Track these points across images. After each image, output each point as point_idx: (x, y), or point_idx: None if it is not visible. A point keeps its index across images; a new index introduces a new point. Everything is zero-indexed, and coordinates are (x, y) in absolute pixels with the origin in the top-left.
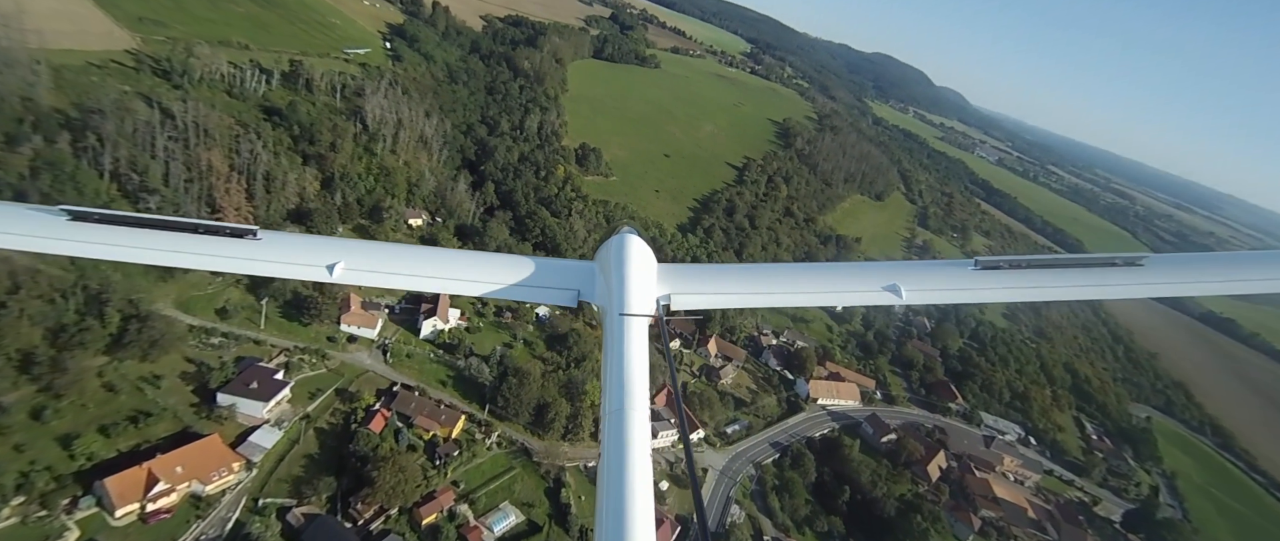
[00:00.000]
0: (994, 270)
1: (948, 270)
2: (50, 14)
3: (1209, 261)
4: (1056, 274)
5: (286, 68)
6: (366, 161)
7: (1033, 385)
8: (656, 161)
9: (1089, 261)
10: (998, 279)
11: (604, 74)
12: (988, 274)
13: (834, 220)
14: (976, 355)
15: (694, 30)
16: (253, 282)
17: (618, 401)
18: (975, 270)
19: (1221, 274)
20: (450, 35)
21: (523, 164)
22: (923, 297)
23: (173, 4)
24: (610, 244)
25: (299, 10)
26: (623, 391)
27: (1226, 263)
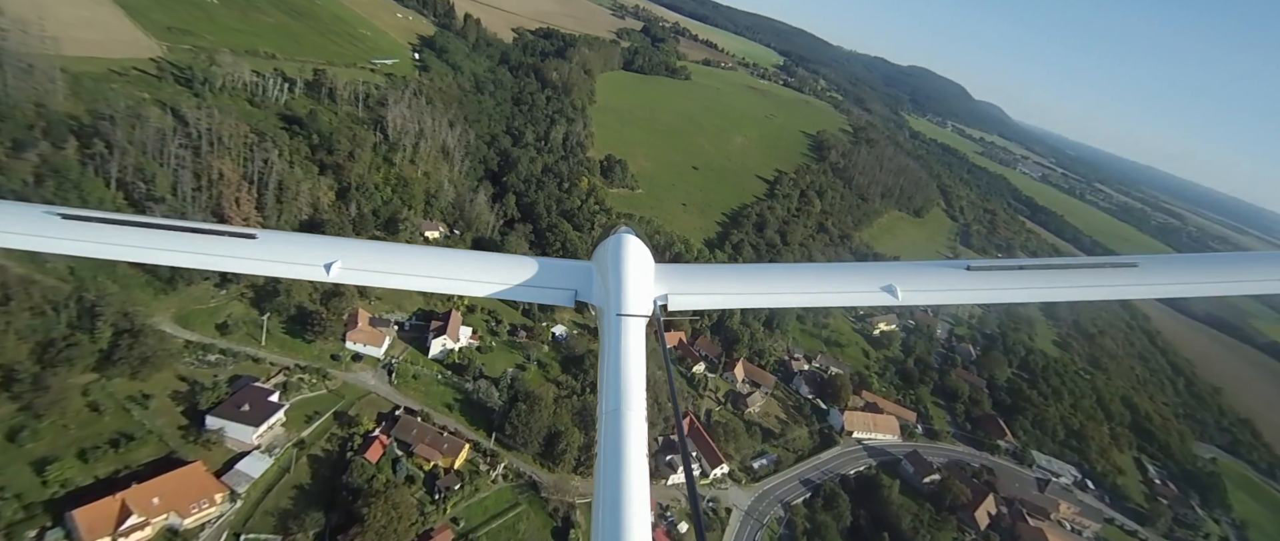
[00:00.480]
0: (986, 272)
1: (942, 271)
2: (78, 22)
3: (1202, 262)
4: (1049, 275)
5: (310, 77)
6: (384, 172)
7: (1089, 422)
8: (684, 174)
9: (1082, 263)
10: (989, 280)
11: (633, 85)
12: (980, 275)
13: (870, 236)
14: (1027, 387)
15: (726, 43)
16: (257, 296)
17: (615, 401)
18: (968, 272)
19: (1215, 275)
20: (480, 47)
21: (546, 175)
22: (918, 298)
23: (203, 15)
24: (608, 244)
25: (330, 22)
26: (620, 391)
27: (1220, 264)
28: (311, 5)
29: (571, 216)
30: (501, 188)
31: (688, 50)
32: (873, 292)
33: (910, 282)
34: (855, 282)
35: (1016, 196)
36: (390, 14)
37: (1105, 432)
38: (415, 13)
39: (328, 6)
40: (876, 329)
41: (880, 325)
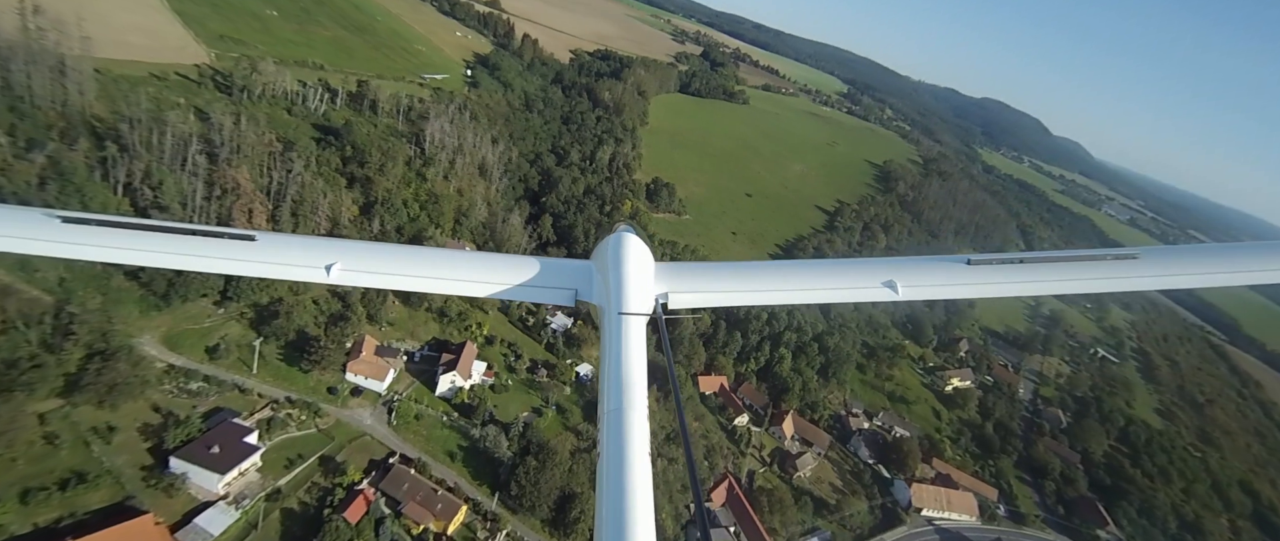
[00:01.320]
0: (986, 266)
1: (943, 266)
2: (131, 27)
3: (1203, 253)
4: (1049, 268)
5: (353, 88)
6: (416, 187)
7: (1205, 511)
8: (736, 200)
9: (1081, 257)
10: (990, 274)
11: (688, 108)
12: (980, 270)
13: None
14: (1129, 464)
15: (788, 70)
16: (258, 317)
17: (616, 401)
18: (969, 267)
19: (1215, 266)
20: (535, 66)
21: (587, 197)
22: (919, 294)
23: (260, 26)
24: (607, 242)
25: (387, 37)
26: (621, 391)
27: (1220, 254)
28: (371, 21)
29: None
30: (539, 208)
31: (747, 75)
32: (873, 289)
33: (911, 278)
34: (856, 279)
35: (1104, 240)
36: (449, 32)
37: (1226, 525)
38: (475, 32)
39: (387, 23)
40: (949, 384)
41: (953, 380)
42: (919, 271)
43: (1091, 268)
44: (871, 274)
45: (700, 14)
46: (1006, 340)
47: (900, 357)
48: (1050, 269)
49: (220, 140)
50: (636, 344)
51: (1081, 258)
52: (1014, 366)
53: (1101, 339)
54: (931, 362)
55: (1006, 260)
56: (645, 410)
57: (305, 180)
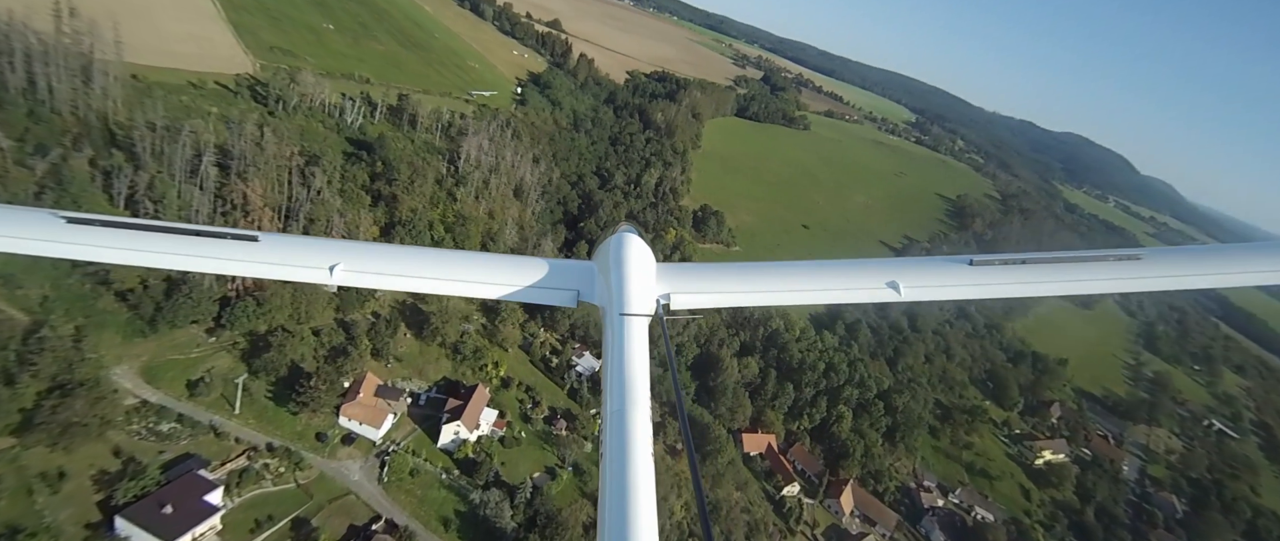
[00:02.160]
0: (988, 267)
1: (945, 267)
2: (182, 36)
3: (1206, 254)
4: (1052, 269)
5: (394, 102)
6: (443, 208)
7: None
8: (792, 232)
9: (1084, 257)
10: (992, 275)
11: (744, 132)
12: (983, 270)
13: (1025, 329)
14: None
15: (853, 97)
16: (251, 347)
17: (618, 402)
18: (971, 267)
19: (1218, 266)
20: (588, 86)
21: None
22: (921, 294)
23: (314, 39)
24: (609, 243)
25: (442, 54)
26: (623, 392)
27: (1224, 255)
28: (428, 38)
29: None
30: (576, 233)
31: (809, 101)
32: (875, 289)
33: (913, 279)
34: (858, 280)
35: (1205, 292)
36: (506, 51)
37: None
38: (533, 52)
39: (444, 40)
40: (1039, 457)
41: (1044, 453)
42: (922, 272)
43: (1095, 268)
44: (874, 274)
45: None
46: (1105, 405)
47: (981, 422)
48: (1053, 269)
49: (238, 152)
50: (638, 344)
51: (1085, 258)
52: (1116, 438)
53: (1215, 407)
54: (1018, 429)
55: (1009, 260)
56: (648, 410)
57: (325, 197)
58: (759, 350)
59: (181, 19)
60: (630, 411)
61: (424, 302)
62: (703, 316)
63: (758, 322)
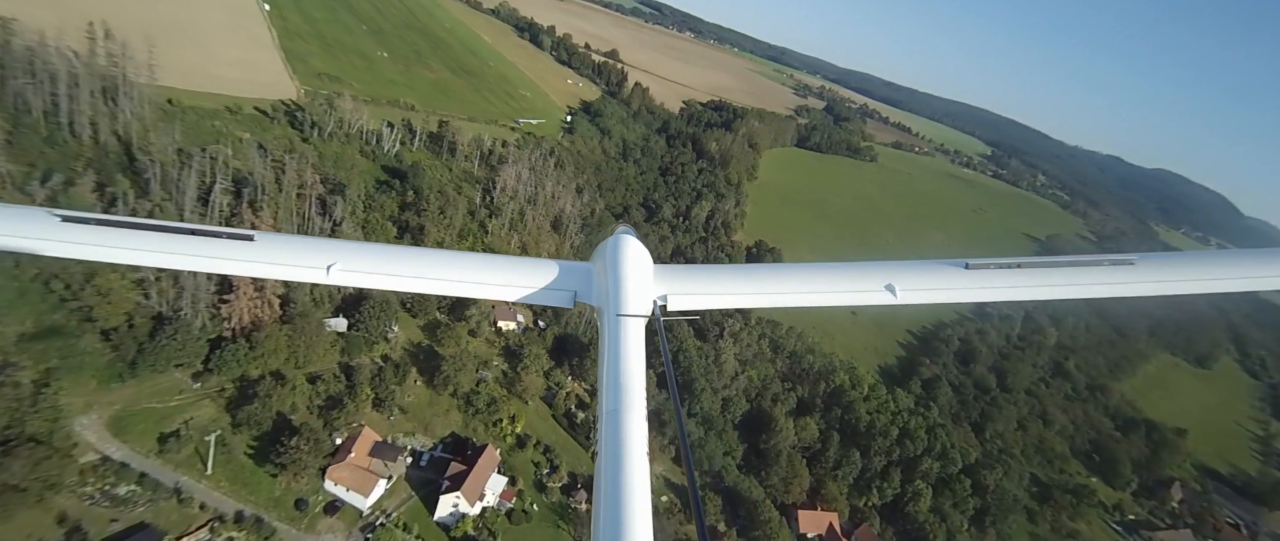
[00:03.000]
0: (984, 270)
1: (941, 270)
2: (231, 61)
3: (1199, 260)
4: (1047, 273)
5: (434, 129)
6: (473, 240)
7: None
8: None
9: (1078, 262)
10: (988, 278)
11: (805, 163)
12: (978, 274)
13: (1134, 390)
14: None
15: (922, 128)
16: (239, 394)
17: (614, 402)
18: (967, 270)
19: (1211, 272)
20: (641, 114)
21: (675, 260)
22: (917, 297)
23: (365, 66)
24: (606, 244)
25: (494, 82)
26: (619, 392)
27: (1217, 261)
28: (482, 66)
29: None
30: None
31: (875, 132)
32: (872, 292)
33: (910, 282)
34: (855, 282)
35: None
36: (560, 79)
37: None
38: (588, 81)
39: (498, 68)
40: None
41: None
42: (917, 274)
43: (1088, 272)
44: (870, 277)
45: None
46: (1234, 486)
47: (1088, 504)
48: (1047, 273)
49: (257, 179)
50: (635, 345)
51: (1079, 262)
52: (1249, 527)
53: None
54: (1132, 513)
55: (1004, 264)
56: (643, 411)
57: (345, 227)
58: (819, 409)
59: (234, 44)
60: (626, 412)
61: (440, 344)
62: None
63: (817, 376)
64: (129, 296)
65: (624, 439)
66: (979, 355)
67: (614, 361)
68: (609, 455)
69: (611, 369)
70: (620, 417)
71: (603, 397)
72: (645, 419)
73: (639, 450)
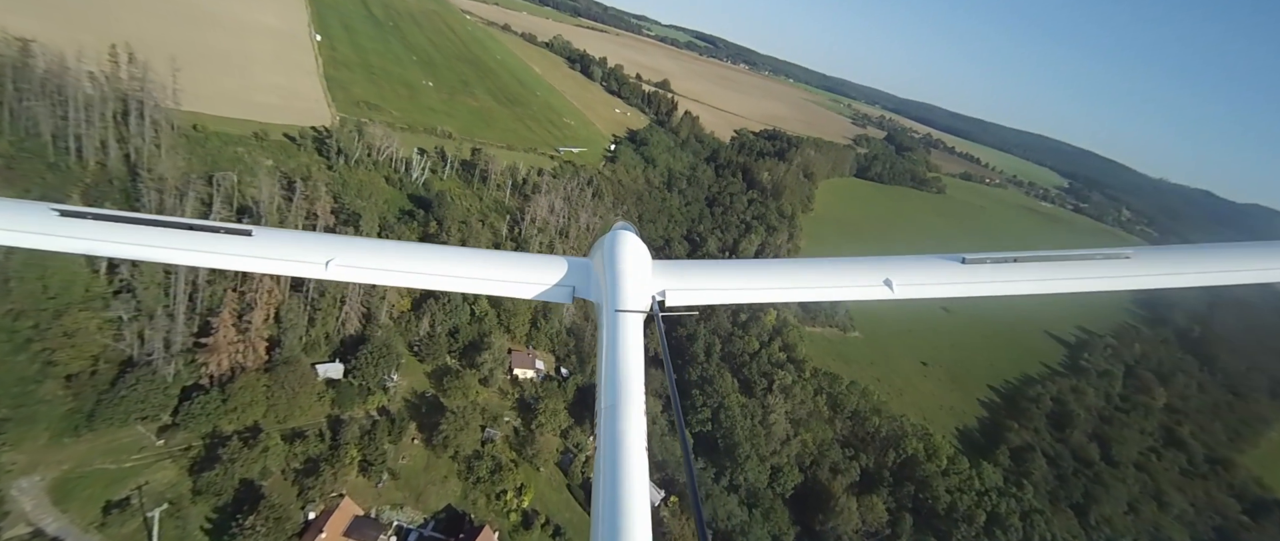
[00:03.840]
0: (980, 265)
1: (938, 264)
2: (268, 87)
3: (1194, 253)
4: (1043, 267)
5: (466, 156)
6: None
7: None
8: (929, 315)
9: (1074, 256)
10: (984, 273)
11: (865, 194)
12: (975, 268)
13: (1260, 462)
14: None
15: (991, 159)
16: (207, 455)
17: (612, 397)
18: (963, 265)
19: (1207, 265)
20: (689, 143)
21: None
22: (914, 292)
23: (408, 94)
24: (605, 240)
25: (539, 110)
26: (617, 387)
27: (1213, 254)
28: (528, 95)
29: (741, 368)
30: None
31: (941, 162)
32: (869, 287)
33: (907, 276)
34: (852, 277)
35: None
36: (608, 109)
37: None
38: (637, 110)
39: (545, 97)
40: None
41: None
42: (915, 270)
43: (1085, 266)
44: (867, 272)
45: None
46: None
47: None
48: (1044, 267)
49: (262, 208)
50: (633, 341)
51: (1075, 256)
52: None
53: None
54: None
55: (1001, 259)
56: (642, 406)
57: None
58: (887, 483)
59: (278, 71)
60: (624, 407)
61: (446, 395)
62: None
63: (885, 442)
64: (98, 338)
65: (622, 434)
66: (1076, 419)
67: (612, 357)
68: (607, 451)
69: (610, 364)
70: (618, 413)
71: (601, 393)
72: (644, 414)
73: (638, 445)
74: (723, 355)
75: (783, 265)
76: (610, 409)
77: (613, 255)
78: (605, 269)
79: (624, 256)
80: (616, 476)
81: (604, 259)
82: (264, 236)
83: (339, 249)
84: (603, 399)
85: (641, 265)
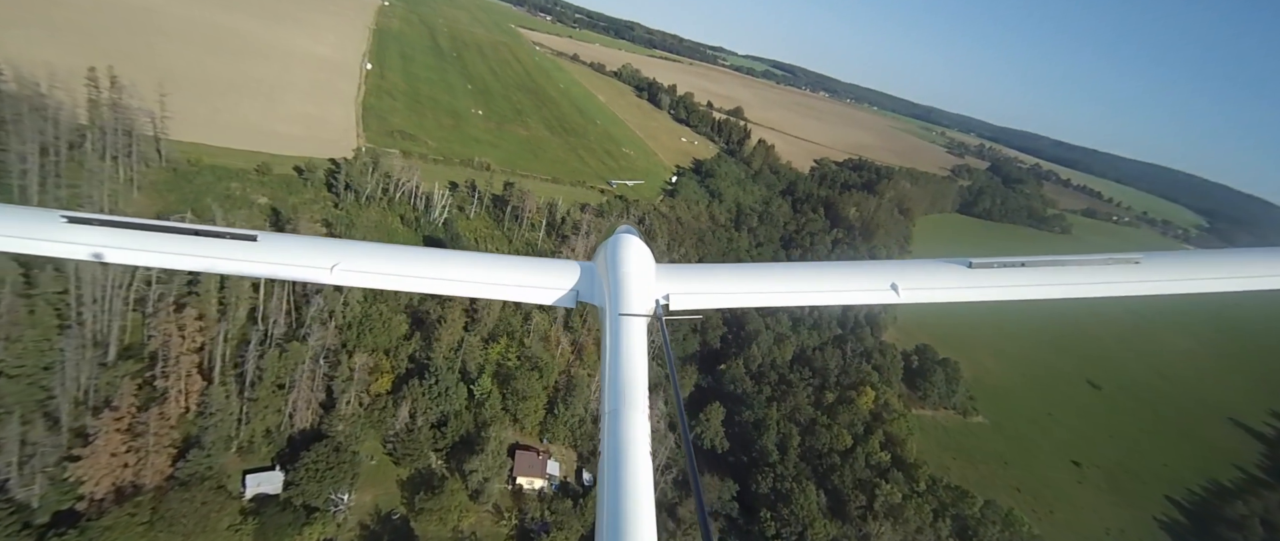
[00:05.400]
0: (987, 269)
1: (945, 269)
2: (295, 116)
3: (1206, 258)
4: (1051, 272)
5: (499, 190)
6: (504, 344)
7: None
8: (1073, 391)
9: (1083, 261)
10: (992, 277)
11: (973, 232)
12: (981, 272)
13: None
14: None
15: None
16: None
17: (616, 402)
18: (970, 269)
19: (1218, 271)
20: (762, 175)
21: (798, 372)
22: (920, 296)
23: (452, 124)
24: (608, 244)
25: (596, 140)
26: (621, 392)
27: (1223, 260)
28: (586, 124)
29: (830, 470)
30: (714, 381)
31: (1056, 196)
32: (875, 291)
33: (913, 281)
34: (858, 281)
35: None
36: (673, 138)
37: None
38: (705, 139)
39: (604, 126)
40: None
41: None
42: (921, 274)
43: (1094, 271)
44: (873, 276)
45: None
46: None
47: None
48: (1052, 272)
49: None
50: (637, 345)
51: (1084, 261)
52: None
53: None
54: None
55: (1009, 263)
56: (646, 410)
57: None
58: None
59: (310, 99)
60: (628, 412)
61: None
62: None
63: None
64: None
65: (626, 439)
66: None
67: (616, 361)
68: (611, 454)
69: (613, 368)
70: (622, 417)
71: (605, 398)
72: (648, 418)
73: (641, 450)
74: (802, 452)
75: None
76: (614, 414)
77: (616, 259)
78: (608, 272)
79: (627, 260)
80: (620, 481)
81: (607, 262)
82: (269, 241)
83: (344, 253)
84: (606, 404)
85: (645, 268)
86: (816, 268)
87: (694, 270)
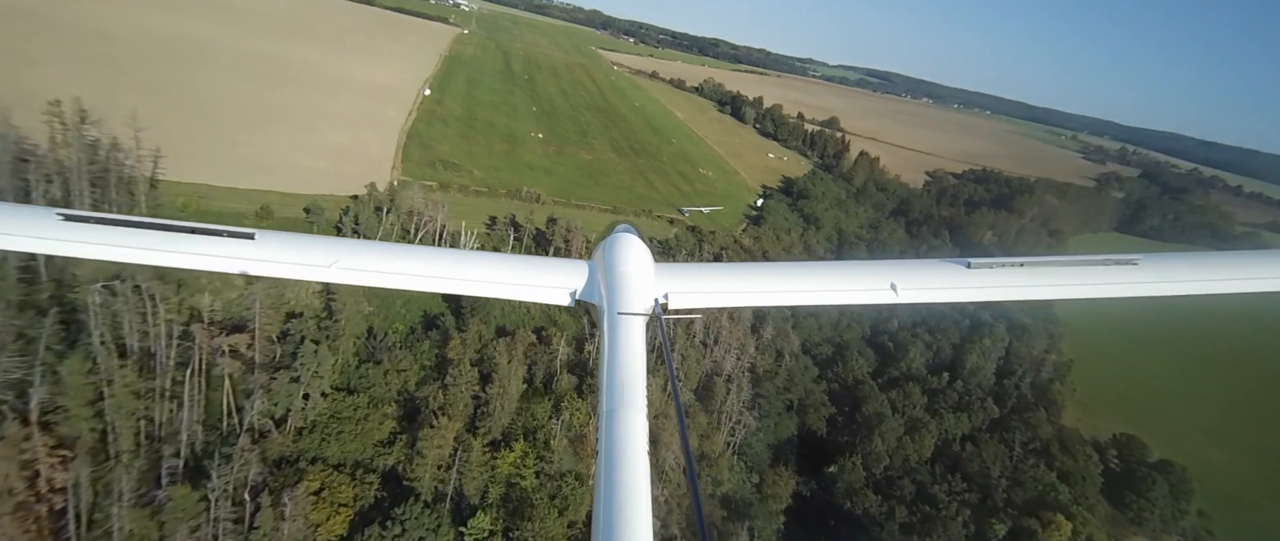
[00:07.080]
0: (986, 269)
1: (943, 268)
2: (324, 149)
3: (1203, 260)
4: (1049, 272)
5: (543, 225)
6: (523, 452)
7: None
8: None
9: (1081, 261)
10: (990, 277)
11: None
12: (980, 272)
13: None
14: None
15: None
16: None
17: (614, 401)
18: (969, 269)
19: (1216, 273)
20: (866, 192)
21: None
22: (919, 296)
23: (506, 149)
24: (607, 243)
25: (670, 161)
26: (619, 391)
27: (1220, 262)
28: (660, 142)
29: None
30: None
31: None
32: (874, 290)
33: (911, 281)
34: (857, 280)
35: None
36: (759, 155)
37: None
38: (796, 154)
39: (680, 144)
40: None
41: None
42: (920, 273)
43: (1091, 272)
44: (872, 275)
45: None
46: None
47: None
48: (1050, 272)
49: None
50: (635, 344)
51: (1082, 262)
52: None
53: None
54: None
55: (1007, 263)
56: (644, 410)
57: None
58: None
59: (348, 129)
60: (626, 411)
61: None
62: None
63: None
64: None
65: (624, 437)
66: None
67: (613, 360)
68: (609, 454)
69: (611, 368)
70: (619, 417)
71: (602, 397)
72: (645, 418)
73: (639, 449)
74: None
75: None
76: (611, 413)
77: (614, 257)
78: (607, 271)
79: (626, 258)
80: (617, 481)
81: (605, 261)
82: (266, 239)
83: (343, 251)
84: (604, 403)
85: (644, 267)
86: (816, 267)
87: (692, 269)
